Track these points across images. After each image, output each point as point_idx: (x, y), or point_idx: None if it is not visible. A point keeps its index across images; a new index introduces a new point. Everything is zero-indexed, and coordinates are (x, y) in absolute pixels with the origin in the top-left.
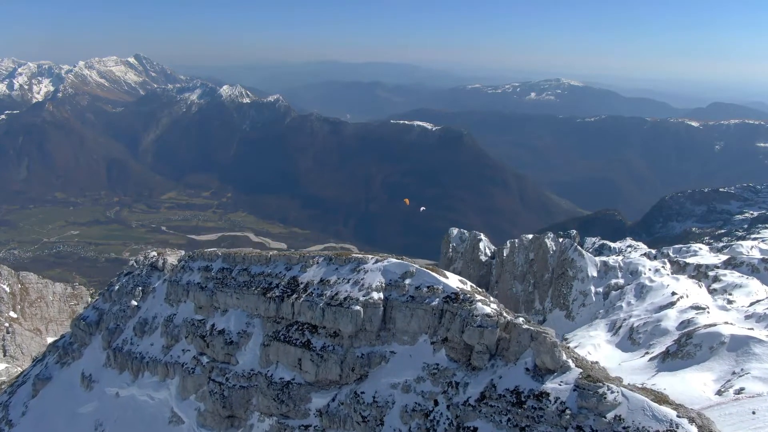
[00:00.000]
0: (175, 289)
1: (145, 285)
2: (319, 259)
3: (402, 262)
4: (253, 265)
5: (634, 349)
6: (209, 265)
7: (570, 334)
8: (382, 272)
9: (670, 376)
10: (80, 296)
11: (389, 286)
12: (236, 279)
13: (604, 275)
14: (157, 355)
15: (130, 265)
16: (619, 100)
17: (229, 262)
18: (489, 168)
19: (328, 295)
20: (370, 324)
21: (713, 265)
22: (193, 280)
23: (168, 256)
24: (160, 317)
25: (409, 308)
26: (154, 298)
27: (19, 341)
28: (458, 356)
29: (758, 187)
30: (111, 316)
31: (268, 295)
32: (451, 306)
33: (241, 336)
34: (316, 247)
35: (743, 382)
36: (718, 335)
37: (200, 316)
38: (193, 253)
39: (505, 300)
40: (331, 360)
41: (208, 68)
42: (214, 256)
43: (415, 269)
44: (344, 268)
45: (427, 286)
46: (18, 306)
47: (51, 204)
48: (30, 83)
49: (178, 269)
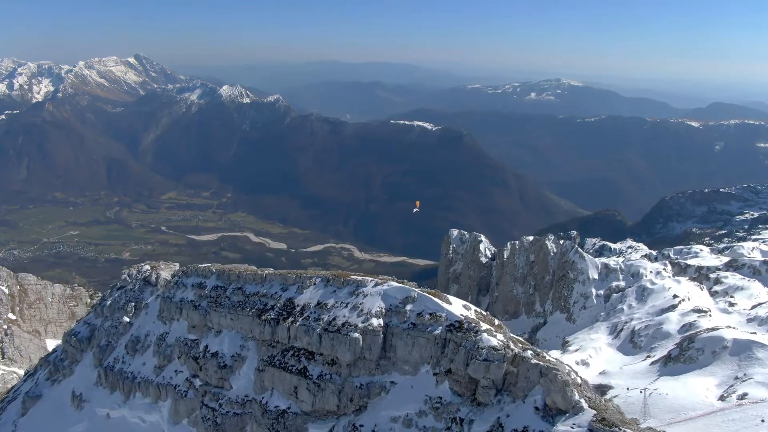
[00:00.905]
0: (168, 306)
1: (137, 301)
2: (316, 280)
3: (403, 286)
4: (248, 284)
5: (636, 353)
6: (203, 282)
7: (571, 336)
8: (382, 296)
9: (672, 381)
10: (79, 297)
11: (389, 311)
12: (230, 298)
13: (605, 277)
14: (149, 375)
15: (123, 279)
16: (619, 100)
17: (224, 279)
18: (489, 168)
19: (326, 320)
20: (369, 352)
21: (714, 267)
22: (187, 298)
23: (161, 270)
24: (152, 335)
25: (410, 336)
26: (147, 314)
27: (18, 343)
28: (462, 390)
29: (759, 188)
30: (103, 333)
31: (263, 317)
32: (455, 335)
33: (235, 359)
34: (316, 247)
35: (746, 388)
36: (720, 339)
37: (193, 335)
38: (187, 269)
39: (505, 302)
40: (328, 389)
41: (208, 68)
42: (208, 272)
43: (416, 294)
44: (342, 290)
45: (430, 312)
46: (17, 307)
47: (51, 204)
48: (30, 83)
49: (172, 285)
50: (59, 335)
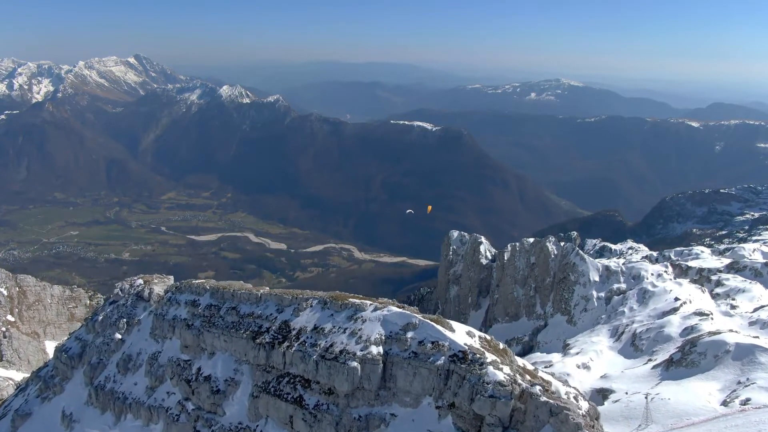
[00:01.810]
0: (160, 324)
1: (129, 317)
2: (312, 302)
3: (403, 311)
4: (242, 303)
5: (637, 356)
6: (197, 300)
7: (571, 339)
8: (381, 322)
9: (674, 385)
10: (78, 299)
11: (389, 339)
12: (224, 318)
13: (606, 280)
14: (141, 396)
15: (115, 293)
16: (619, 100)
17: (218, 298)
18: (489, 168)
19: (323, 346)
20: (368, 382)
21: (716, 269)
22: (180, 316)
23: (155, 285)
24: (144, 354)
25: (411, 366)
26: (139, 331)
27: (16, 345)
28: (467, 426)
29: (759, 188)
30: (94, 350)
31: (258, 340)
32: (459, 367)
33: (229, 384)
34: (316, 247)
35: (749, 393)
36: (722, 343)
37: (186, 356)
38: (181, 285)
39: (506, 304)
40: (325, 420)
41: (208, 68)
42: (202, 289)
43: (418, 321)
44: (340, 314)
45: (432, 341)
46: (15, 309)
47: (50, 204)
48: (30, 83)
49: (165, 302)
50: (58, 337)
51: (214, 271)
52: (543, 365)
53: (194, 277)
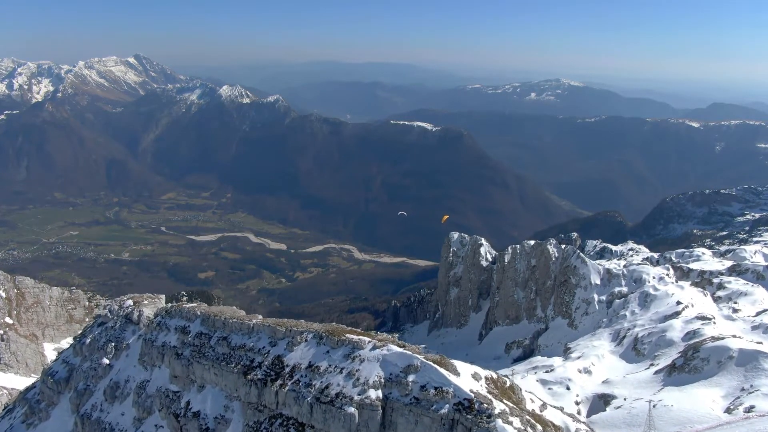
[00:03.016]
0: (149, 350)
1: (118, 340)
2: (307, 336)
3: (404, 351)
4: (234, 333)
5: (639, 360)
6: (187, 326)
7: (573, 343)
8: (380, 363)
9: (677, 392)
10: (77, 300)
11: (389, 381)
12: (215, 349)
13: (608, 283)
14: (128, 428)
15: (104, 315)
16: (619, 100)
17: (208, 325)
18: (489, 168)
19: (318, 387)
20: (366, 429)
21: (717, 272)
22: (169, 343)
23: (144, 308)
24: (132, 381)
25: (413, 413)
26: (128, 356)
27: (14, 348)
28: None
29: (759, 189)
30: (81, 375)
31: (250, 376)
32: (464, 417)
33: (219, 422)
34: (316, 247)
35: (753, 400)
36: (726, 349)
37: (175, 387)
38: (171, 309)
39: (506, 306)
40: None
41: (208, 68)
42: (192, 315)
43: (420, 363)
44: (337, 352)
45: (435, 386)
46: (14, 312)
47: (50, 204)
48: (30, 83)
49: (154, 326)
50: (57, 339)
51: (214, 272)
52: (544, 369)
53: (194, 277)
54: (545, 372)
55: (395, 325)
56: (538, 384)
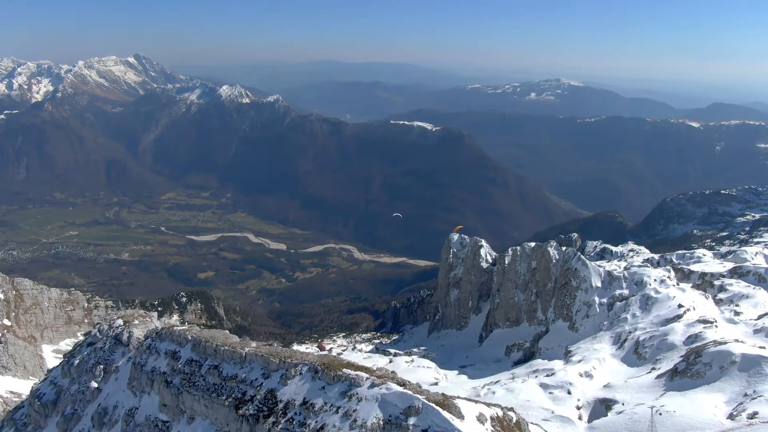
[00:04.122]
0: (139, 375)
1: (107, 362)
2: (302, 369)
3: (404, 391)
4: (225, 362)
5: (640, 364)
6: (177, 351)
7: (573, 346)
8: (379, 403)
9: (680, 397)
10: (76, 301)
11: (389, 424)
12: (206, 378)
13: (609, 285)
14: None
15: (93, 335)
16: (619, 100)
17: (199, 352)
18: (489, 169)
19: (312, 427)
20: None
21: (719, 274)
22: (159, 368)
23: (135, 328)
24: (121, 407)
25: None
26: (117, 380)
27: (12, 351)
28: None
29: (760, 189)
30: (68, 398)
31: (241, 411)
32: None
33: None
34: (316, 247)
35: (756, 406)
36: (728, 354)
37: (164, 416)
38: (161, 332)
39: (507, 308)
40: None
41: (208, 68)
42: (183, 339)
43: (421, 404)
44: (332, 388)
45: (437, 431)
46: (12, 313)
47: (50, 204)
48: (29, 83)
49: (144, 349)
50: (55, 340)
51: (214, 272)
52: (545, 373)
53: (194, 277)
54: (546, 376)
55: (395, 326)
56: (540, 388)
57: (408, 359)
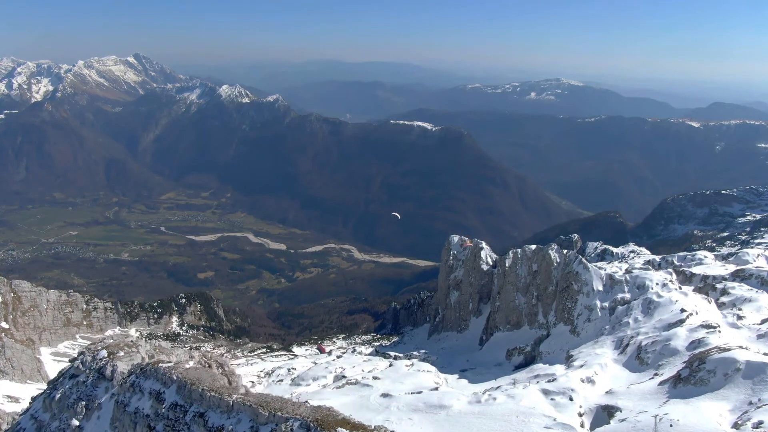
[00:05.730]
0: (122, 416)
1: (89, 398)
2: (294, 425)
3: None
4: (212, 410)
5: (642, 369)
6: (162, 393)
7: (575, 350)
8: None
9: (683, 404)
10: (75, 303)
11: None
12: (190, 428)
13: (610, 289)
14: None
15: (76, 367)
16: (619, 100)
17: (184, 395)
18: (489, 169)
19: None
20: None
21: (721, 277)
22: (142, 410)
23: (119, 361)
24: None
25: None
26: (99, 419)
27: (9, 354)
28: None
29: (760, 190)
30: None
31: None
32: None
33: None
34: (316, 247)
35: (761, 415)
36: (733, 361)
37: None
38: (146, 368)
39: (507, 312)
40: None
41: (208, 68)
42: (168, 379)
43: None
44: None
45: None
46: (10, 316)
47: (49, 204)
48: (29, 83)
49: (128, 386)
50: (54, 343)
51: (214, 272)
52: (546, 379)
53: (194, 277)
54: (548, 381)
55: (395, 327)
56: (541, 394)
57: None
